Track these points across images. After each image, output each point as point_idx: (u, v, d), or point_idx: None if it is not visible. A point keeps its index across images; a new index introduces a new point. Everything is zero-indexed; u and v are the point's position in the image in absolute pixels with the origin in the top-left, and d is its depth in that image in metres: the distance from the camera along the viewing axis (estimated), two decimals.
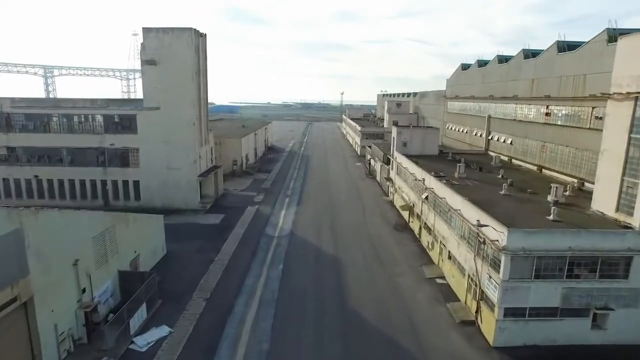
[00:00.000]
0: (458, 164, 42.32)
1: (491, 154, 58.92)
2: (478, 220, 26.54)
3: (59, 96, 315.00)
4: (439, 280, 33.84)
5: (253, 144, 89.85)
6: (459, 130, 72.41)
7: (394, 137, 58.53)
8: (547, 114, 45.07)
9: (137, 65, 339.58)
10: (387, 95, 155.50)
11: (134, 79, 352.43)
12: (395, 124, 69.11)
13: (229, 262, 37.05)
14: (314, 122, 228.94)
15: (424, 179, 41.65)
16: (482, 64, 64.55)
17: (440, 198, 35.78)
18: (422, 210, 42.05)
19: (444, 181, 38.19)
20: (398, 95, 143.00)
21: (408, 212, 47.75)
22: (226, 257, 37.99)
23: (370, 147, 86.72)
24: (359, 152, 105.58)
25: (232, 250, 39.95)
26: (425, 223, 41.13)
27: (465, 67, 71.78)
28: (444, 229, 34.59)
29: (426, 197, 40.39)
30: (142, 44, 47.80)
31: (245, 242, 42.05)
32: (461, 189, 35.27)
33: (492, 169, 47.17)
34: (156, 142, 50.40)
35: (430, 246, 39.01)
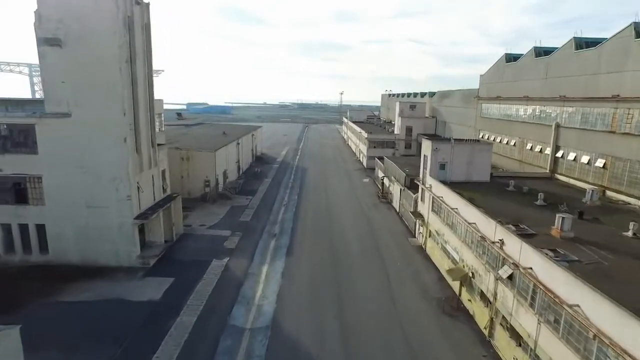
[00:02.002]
0: (560, 215, 24.60)
1: (562, 178, 41.41)
2: None
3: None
4: None
5: (235, 156, 72.02)
6: (501, 142, 54.96)
7: (425, 156, 40.92)
8: None
9: None
10: (393, 95, 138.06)
11: None
12: (430, 137, 51.27)
13: None
14: (311, 125, 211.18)
15: (502, 241, 23.94)
16: (541, 52, 47.06)
17: (551, 293, 18.24)
18: (498, 295, 24.42)
19: (549, 254, 20.65)
20: (404, 95, 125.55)
21: (460, 282, 30.07)
22: None
23: (382, 159, 69.10)
24: (365, 164, 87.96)
25: None
26: (505, 319, 23.53)
27: (511, 58, 54.32)
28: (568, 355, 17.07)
29: (509, 277, 22.79)
30: (36, 11, 29.99)
31: (191, 350, 24.34)
32: (596, 276, 17.80)
33: (595, 211, 29.68)
34: (68, 166, 32.66)
35: None
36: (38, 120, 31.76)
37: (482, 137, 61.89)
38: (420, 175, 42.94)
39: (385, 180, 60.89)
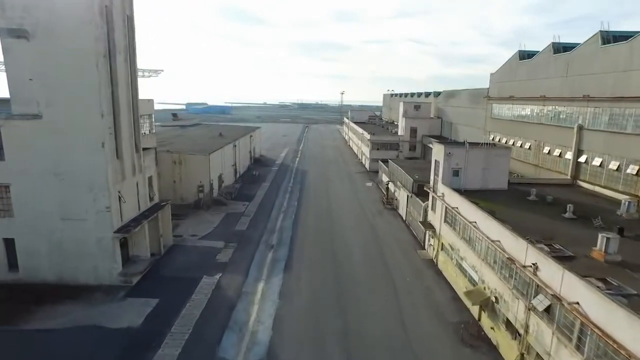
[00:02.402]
0: (603, 235, 21.01)
1: (585, 186, 37.88)
2: None
3: None
4: None
5: (231, 158, 68.48)
6: (514, 145, 51.39)
7: (437, 161, 37.35)
8: None
9: None
10: (396, 95, 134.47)
11: None
12: (442, 142, 47.81)
13: None
14: (312, 125, 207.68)
15: (536, 265, 20.35)
16: (560, 48, 43.52)
17: (609, 339, 14.69)
18: (530, 329, 20.85)
19: (600, 287, 17.11)
20: (407, 95, 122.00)
21: (480, 306, 26.50)
22: None
23: (386, 163, 65.60)
24: (367, 167, 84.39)
25: None
26: (540, 358, 19.97)
27: (525, 55, 50.77)
28: None
29: (546, 309, 19.24)
30: None
31: None
32: None
33: (636, 227, 26.15)
34: (40, 174, 29.14)
35: None
36: (3, 122, 28.21)
37: (493, 139, 58.28)
38: (431, 182, 39.40)
39: (391, 185, 57.35)
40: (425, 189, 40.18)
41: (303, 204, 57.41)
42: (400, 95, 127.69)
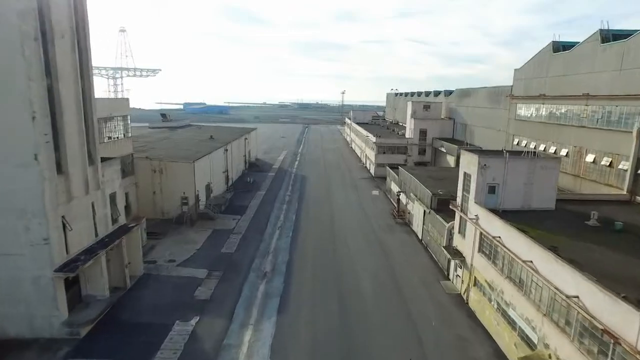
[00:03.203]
0: None
1: None
2: None
3: None
4: None
5: (222, 164, 61.36)
6: (545, 151, 44.30)
7: (467, 175, 30.21)
8: None
9: (125, 63, 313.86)
10: (401, 94, 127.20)
11: (121, 77, 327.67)
12: (474, 150, 40.64)
13: None
14: (311, 125, 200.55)
15: None
16: (609, 36, 36.40)
17: None
18: None
19: None
20: (414, 94, 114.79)
21: None
22: None
23: (395, 169, 58.55)
24: (373, 172, 77.33)
25: None
26: None
27: (560, 46, 43.66)
28: None
29: None
30: None
31: None
32: None
33: None
34: None
35: None
36: None
37: (518, 144, 51.28)
38: (457, 199, 32.28)
39: (402, 197, 50.24)
40: (450, 206, 33.04)
41: (302, 217, 50.30)
42: (406, 94, 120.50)
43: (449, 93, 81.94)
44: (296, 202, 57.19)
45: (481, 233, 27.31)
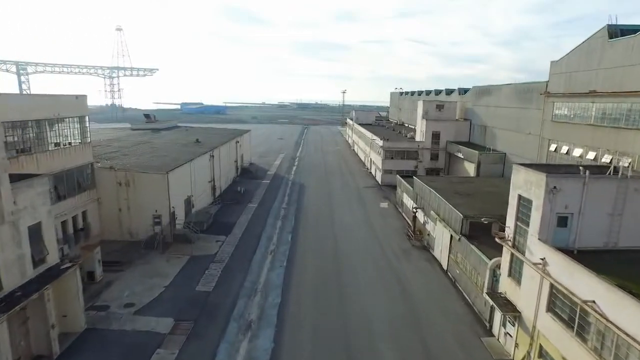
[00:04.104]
0: None
1: None
2: None
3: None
4: None
5: (208, 173, 53.11)
6: (596, 160, 36.07)
7: (523, 199, 21.91)
8: None
9: (122, 62, 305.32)
10: (406, 94, 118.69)
11: (118, 77, 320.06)
12: (536, 166, 31.80)
13: None
14: (311, 126, 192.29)
15: None
16: None
17: None
18: None
19: None
20: (419, 93, 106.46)
21: None
22: None
23: (406, 178, 50.40)
24: (379, 180, 69.12)
25: None
26: None
27: (618, 31, 35.42)
28: None
29: None
30: None
31: None
32: None
33: None
34: None
35: None
36: None
37: (556, 150, 43.12)
38: (507, 229, 24.02)
39: (420, 214, 41.99)
40: (496, 239, 24.76)
41: (299, 238, 42.07)
42: (412, 93, 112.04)
43: (463, 91, 73.60)
44: (293, 218, 48.95)
45: (552, 285, 19.10)
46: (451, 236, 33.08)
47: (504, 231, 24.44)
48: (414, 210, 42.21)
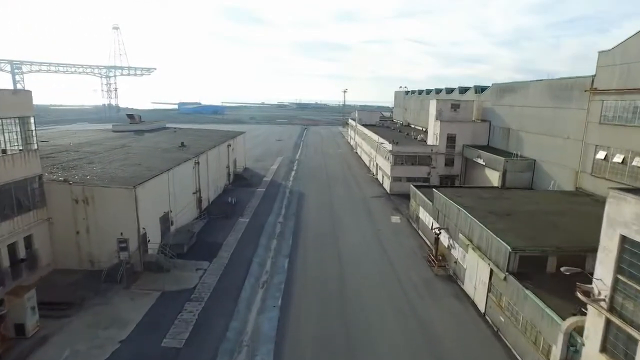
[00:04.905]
0: None
1: None
2: None
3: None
4: None
5: (191, 183, 45.81)
6: None
7: (632, 242, 14.62)
8: None
9: (119, 61, 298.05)
10: (412, 93, 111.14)
11: (114, 76, 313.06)
12: None
13: None
14: (311, 127, 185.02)
15: None
16: None
17: None
18: None
19: None
20: (427, 92, 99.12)
21: None
22: None
23: (425, 189, 43.17)
24: (388, 188, 61.88)
25: None
26: None
27: None
28: None
29: None
30: None
31: None
32: None
33: None
34: None
35: None
36: None
37: (605, 159, 35.96)
38: (600, 286, 16.71)
39: (444, 236, 34.72)
40: (581, 297, 17.40)
41: (298, 265, 34.82)
42: (419, 92, 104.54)
43: (480, 89, 66.33)
44: (290, 236, 41.73)
45: None
46: (491, 271, 25.84)
47: (588, 283, 17.17)
48: (437, 232, 34.89)
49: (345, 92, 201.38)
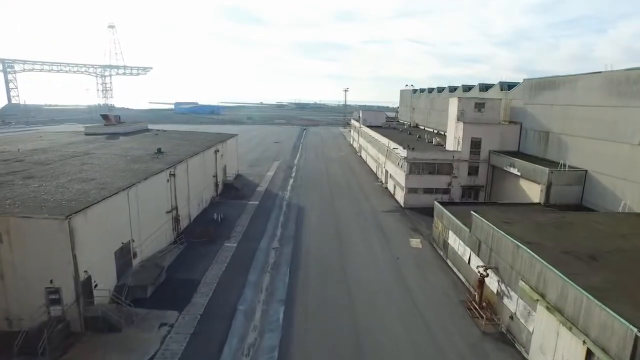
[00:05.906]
0: None
1: None
2: None
3: (22, 95, 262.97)
4: None
5: (165, 201, 36.98)
6: None
7: None
8: None
9: (115, 61, 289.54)
10: (422, 91, 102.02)
11: (110, 75, 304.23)
12: None
13: None
14: (310, 127, 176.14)
15: None
16: None
17: None
18: None
19: None
20: (439, 90, 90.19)
21: None
22: None
23: (455, 209, 34.40)
24: (402, 201, 53.06)
25: None
26: None
27: None
28: None
29: None
30: None
31: None
32: None
33: None
34: None
35: None
36: None
37: None
38: None
39: (492, 280, 25.94)
40: None
41: (296, 316, 26.03)
42: (429, 90, 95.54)
43: (509, 86, 57.38)
44: (287, 270, 32.95)
45: None
46: (589, 352, 17.10)
47: None
48: (482, 273, 26.08)
49: (346, 91, 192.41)
